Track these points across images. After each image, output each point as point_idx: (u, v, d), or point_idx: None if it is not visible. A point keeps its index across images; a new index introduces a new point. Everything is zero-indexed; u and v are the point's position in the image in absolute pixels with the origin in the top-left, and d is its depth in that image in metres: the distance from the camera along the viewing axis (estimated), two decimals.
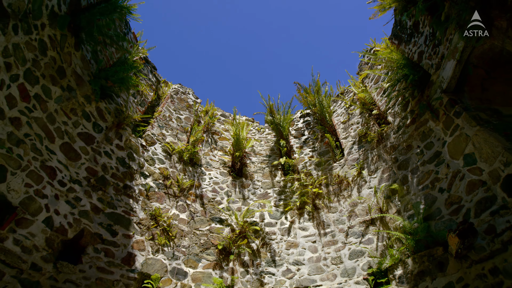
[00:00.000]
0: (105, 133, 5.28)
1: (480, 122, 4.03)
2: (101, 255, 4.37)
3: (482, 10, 3.59)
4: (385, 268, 4.56)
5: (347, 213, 5.56)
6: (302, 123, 8.03)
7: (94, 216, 4.56)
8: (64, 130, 4.52)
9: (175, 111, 7.32)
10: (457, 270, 3.76)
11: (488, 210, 3.69)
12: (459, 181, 4.18)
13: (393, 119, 5.74)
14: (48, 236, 3.90)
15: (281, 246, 5.56)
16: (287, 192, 6.45)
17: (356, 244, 5.09)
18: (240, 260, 5.35)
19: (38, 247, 3.75)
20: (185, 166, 6.42)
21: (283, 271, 5.21)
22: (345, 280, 4.77)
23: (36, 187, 3.91)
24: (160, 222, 5.24)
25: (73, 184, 4.45)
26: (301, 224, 5.80)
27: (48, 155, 4.17)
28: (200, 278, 4.97)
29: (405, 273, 4.29)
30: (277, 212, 6.13)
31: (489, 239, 3.57)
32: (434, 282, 3.94)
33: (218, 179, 6.62)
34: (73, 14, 4.55)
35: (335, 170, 6.33)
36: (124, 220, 4.91)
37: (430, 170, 4.66)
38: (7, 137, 3.61)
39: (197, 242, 5.43)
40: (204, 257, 5.28)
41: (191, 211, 5.81)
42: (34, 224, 3.77)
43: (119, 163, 5.33)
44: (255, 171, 7.02)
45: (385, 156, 5.58)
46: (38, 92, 4.09)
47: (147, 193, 5.48)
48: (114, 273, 4.33)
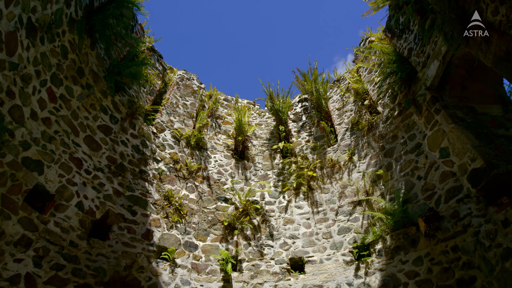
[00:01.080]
0: (120, 124, 5.77)
1: (456, 120, 4.50)
2: (124, 232, 5.04)
3: (461, 22, 3.93)
4: (367, 243, 5.25)
5: (337, 194, 6.19)
6: (300, 107, 8.46)
7: (116, 199, 5.18)
8: (86, 124, 5.01)
9: (181, 97, 7.74)
10: (426, 247, 4.43)
11: (455, 198, 4.28)
12: (434, 171, 4.73)
13: (382, 109, 6.19)
14: (81, 217, 4.53)
15: (279, 222, 6.25)
16: (285, 173, 7.06)
17: (344, 221, 5.76)
18: (243, 235, 6.06)
19: (74, 227, 4.40)
20: (192, 150, 6.97)
21: (280, 244, 5.93)
22: (333, 252, 5.50)
23: (67, 176, 4.49)
24: (173, 202, 5.88)
25: (97, 172, 5.03)
26: (297, 203, 6.46)
27: (74, 148, 4.70)
28: (209, 250, 5.70)
29: (384, 247, 4.98)
30: (275, 192, 6.77)
31: (453, 222, 4.19)
32: (407, 255, 4.63)
33: (223, 161, 7.20)
34: (87, 16, 4.86)
35: (328, 155, 6.88)
36: (142, 201, 5.54)
37: (411, 159, 5.20)
38: (41, 136, 4.12)
39: (205, 219, 6.12)
40: (212, 232, 5.98)
41: (199, 192, 6.44)
42: (69, 209, 4.39)
43: (134, 151, 5.87)
44: (256, 154, 7.58)
45: (374, 144, 6.10)
46: (63, 93, 4.54)
47: (160, 176, 6.08)
48: (136, 247, 5.03)
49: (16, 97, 3.65)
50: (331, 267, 5.32)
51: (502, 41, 3.36)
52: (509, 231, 3.48)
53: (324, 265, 5.40)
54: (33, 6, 3.58)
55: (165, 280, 4.94)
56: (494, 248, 3.63)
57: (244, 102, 9.16)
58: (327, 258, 5.46)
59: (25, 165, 3.83)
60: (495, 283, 3.57)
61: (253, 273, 5.47)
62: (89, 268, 4.36)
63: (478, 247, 3.84)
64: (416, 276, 4.40)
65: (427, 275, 4.30)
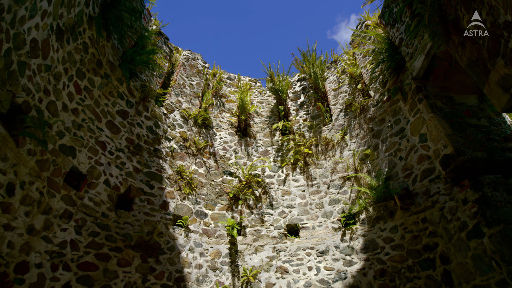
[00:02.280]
0: (135, 108, 6.29)
1: (435, 110, 5.02)
2: (145, 203, 5.79)
3: (443, 24, 4.31)
4: (353, 213, 6.02)
5: (330, 169, 6.87)
6: (299, 86, 8.87)
7: (136, 175, 5.86)
8: (106, 111, 5.54)
9: (188, 78, 8.14)
10: (401, 218, 5.18)
11: (428, 178, 4.94)
12: (413, 153, 5.35)
13: (374, 93, 6.65)
14: (108, 193, 5.24)
15: (278, 193, 7.00)
16: (284, 150, 7.69)
17: (335, 194, 6.49)
18: (247, 204, 6.83)
19: (103, 201, 5.12)
20: (199, 128, 7.54)
21: (279, 212, 6.73)
22: (324, 220, 6.29)
23: (95, 158, 5.12)
24: (184, 176, 6.57)
25: (118, 152, 5.65)
26: (294, 177, 7.17)
27: (99, 133, 5.28)
28: (217, 217, 6.50)
29: (367, 217, 5.75)
30: (275, 166, 7.45)
31: (424, 198, 4.90)
32: (385, 224, 5.40)
33: (227, 138, 7.80)
34: (102, 11, 5.19)
35: (323, 133, 7.46)
36: (157, 176, 6.23)
37: (395, 141, 5.79)
38: (72, 124, 4.69)
39: (213, 190, 6.86)
40: (219, 202, 6.75)
41: (207, 166, 7.12)
42: (98, 186, 5.08)
43: (148, 131, 6.45)
44: (258, 131, 8.16)
45: (364, 125, 6.65)
46: (86, 84, 5.02)
47: (172, 153, 6.71)
48: (155, 216, 5.81)
49: (51, 94, 4.17)
50: (321, 233, 6.14)
51: (474, 48, 3.80)
52: (467, 208, 4.18)
53: (316, 231, 6.22)
54: (60, 13, 3.96)
55: (181, 243, 5.78)
56: (454, 221, 4.36)
57: (246, 79, 9.54)
58: (318, 225, 6.27)
59: (62, 151, 4.45)
60: (452, 249, 4.34)
61: (255, 237, 6.31)
62: (119, 234, 5.15)
63: (442, 220, 4.57)
64: (392, 242, 5.20)
65: (400, 241, 5.09)
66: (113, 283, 4.81)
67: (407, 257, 4.93)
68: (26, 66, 3.54)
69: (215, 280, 5.64)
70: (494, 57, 3.40)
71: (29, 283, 3.89)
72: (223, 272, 5.78)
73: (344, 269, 5.54)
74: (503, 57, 3.23)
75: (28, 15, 3.24)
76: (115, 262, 4.95)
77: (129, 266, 5.08)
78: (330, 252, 5.84)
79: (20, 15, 3.11)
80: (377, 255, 5.29)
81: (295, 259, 5.96)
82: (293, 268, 5.86)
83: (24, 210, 3.77)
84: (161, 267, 5.37)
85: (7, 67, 3.19)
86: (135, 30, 6.13)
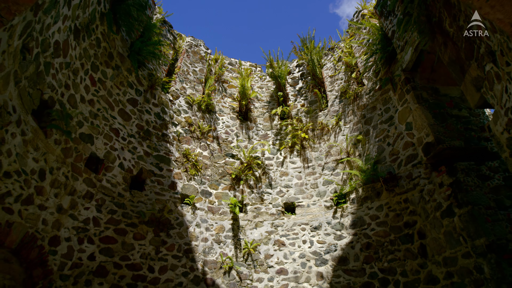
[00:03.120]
0: (144, 95, 6.66)
1: (420, 101, 5.41)
2: (155, 184, 6.31)
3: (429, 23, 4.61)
4: (345, 193, 6.55)
5: (325, 153, 7.34)
6: (297, 72, 9.15)
7: (146, 158, 6.34)
8: (118, 100, 5.93)
9: (191, 64, 8.42)
10: (386, 198, 5.71)
11: (411, 163, 5.42)
12: (400, 140, 5.79)
13: (367, 82, 6.99)
14: (123, 175, 5.74)
15: (276, 174, 7.52)
16: (282, 134, 8.12)
17: (328, 175, 7.01)
18: (247, 184, 7.37)
19: (119, 182, 5.63)
20: (203, 113, 7.94)
21: (277, 192, 7.27)
22: (318, 199, 6.85)
23: (110, 144, 5.57)
24: (190, 159, 7.06)
25: (130, 138, 6.09)
26: (291, 159, 7.65)
27: (112, 120, 5.70)
28: (220, 196, 7.05)
29: (356, 197, 6.29)
30: (274, 149, 7.92)
31: (407, 181, 5.40)
32: (372, 203, 5.94)
33: (229, 123, 8.21)
34: (112, 6, 5.44)
35: (319, 118, 7.86)
36: (166, 159, 6.71)
37: (385, 128, 6.21)
38: (89, 114, 5.10)
39: (216, 172, 7.37)
40: (222, 182, 7.27)
41: (210, 149, 7.59)
42: (114, 169, 5.57)
43: (156, 117, 6.85)
44: (258, 116, 8.55)
45: (357, 112, 7.04)
46: (100, 77, 5.38)
47: (178, 138, 7.16)
48: (165, 195, 6.34)
49: (70, 88, 4.55)
50: (315, 210, 6.72)
51: (454, 49, 4.13)
52: (442, 191, 4.68)
53: (310, 209, 6.79)
54: (77, 14, 4.26)
55: (188, 219, 6.36)
56: (431, 202, 4.88)
57: (247, 64, 9.79)
58: (313, 203, 6.83)
59: (82, 139, 4.89)
60: (428, 226, 4.89)
61: (255, 214, 6.89)
62: (133, 211, 5.71)
63: (421, 201, 5.09)
64: (377, 219, 5.77)
65: (384, 218, 5.65)
66: (130, 254, 5.42)
67: (390, 233, 5.50)
68: (50, 66, 3.91)
69: (219, 252, 6.26)
70: (469, 59, 3.75)
71: (61, 254, 4.48)
72: (226, 244, 6.40)
73: (335, 242, 6.15)
74: (476, 60, 3.59)
75: (52, 21, 3.57)
76: (131, 236, 5.54)
77: (143, 239, 5.67)
78: (322, 227, 6.43)
79: (46, 23, 3.44)
80: (364, 230, 5.88)
81: (291, 233, 6.57)
82: (289, 241, 6.48)
83: (53, 192, 4.27)
84: (171, 240, 5.97)
85: (37, 69, 3.57)
86: (141, 21, 6.37)
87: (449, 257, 4.48)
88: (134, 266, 5.38)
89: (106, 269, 5.06)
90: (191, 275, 5.83)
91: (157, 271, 5.57)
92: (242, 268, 6.15)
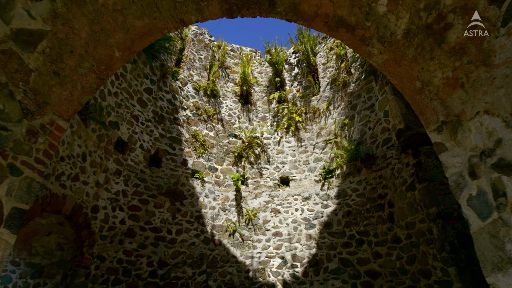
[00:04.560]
0: (157, 84, 7.39)
1: (396, 93, 6.18)
2: (170, 161, 7.23)
3: None
4: (331, 169, 7.50)
5: (316, 134, 8.20)
6: (294, 59, 9.75)
7: (161, 140, 7.21)
8: (136, 90, 6.69)
9: (197, 52, 9.03)
10: (365, 174, 6.66)
11: (386, 145, 6.30)
12: (379, 125, 6.63)
13: (354, 72, 7.68)
14: (143, 155, 6.65)
15: (273, 152, 8.43)
16: (279, 116, 8.93)
17: (318, 154, 7.92)
18: (248, 161, 8.30)
19: (141, 161, 6.54)
20: (208, 98, 8.69)
21: (274, 167, 8.22)
22: (309, 174, 7.81)
23: (132, 128, 6.42)
24: (198, 139, 7.93)
25: (147, 123, 6.92)
26: (287, 139, 8.53)
27: (132, 108, 6.50)
28: (225, 171, 8.01)
29: (341, 172, 7.24)
30: (271, 130, 8.77)
31: (382, 160, 6.31)
32: (353, 178, 6.90)
33: (232, 106, 8.99)
34: None
35: (312, 102, 8.63)
36: (178, 140, 7.59)
37: (367, 114, 7.03)
38: (115, 104, 5.90)
39: (221, 150, 8.27)
40: (227, 159, 8.20)
41: (216, 130, 8.44)
42: (136, 150, 6.46)
43: (168, 103, 7.64)
44: (257, 100, 9.30)
45: (345, 98, 7.81)
46: (121, 71, 6.11)
47: (187, 120, 7.98)
48: (178, 171, 7.29)
49: None
50: (306, 183, 7.71)
51: None
52: (408, 170, 5.61)
53: (302, 182, 7.78)
54: None
55: (198, 191, 7.36)
56: (399, 178, 5.83)
57: (247, 50, 10.36)
58: (304, 178, 7.81)
59: (110, 126, 5.74)
60: (396, 197, 5.88)
61: (255, 186, 7.89)
62: (153, 185, 6.68)
63: (392, 177, 6.04)
64: (357, 191, 6.75)
65: (363, 191, 6.64)
66: (152, 219, 6.46)
67: (366, 202, 6.52)
68: None
69: (225, 218, 7.33)
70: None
71: (100, 219, 5.49)
72: (231, 212, 7.46)
73: (322, 210, 7.20)
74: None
75: None
76: (152, 205, 6.55)
77: (162, 207, 6.70)
78: (312, 198, 7.45)
79: None
80: (346, 200, 6.89)
81: (285, 203, 7.61)
82: (283, 209, 7.53)
83: (92, 171, 5.19)
84: (185, 208, 7.00)
85: None
86: None
87: (410, 222, 5.50)
88: (156, 229, 6.45)
89: (134, 231, 6.12)
90: (202, 236, 6.92)
91: (174, 233, 6.65)
92: (244, 231, 7.25)
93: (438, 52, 1.85)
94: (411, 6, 1.92)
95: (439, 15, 1.78)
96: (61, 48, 2.35)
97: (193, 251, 6.67)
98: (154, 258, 6.26)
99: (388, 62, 2.27)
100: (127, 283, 5.80)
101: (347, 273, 6.28)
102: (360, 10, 2.19)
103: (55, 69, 2.36)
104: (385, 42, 2.17)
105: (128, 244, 5.99)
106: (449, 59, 1.80)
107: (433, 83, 1.95)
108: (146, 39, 2.87)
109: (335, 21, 2.39)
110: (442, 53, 1.82)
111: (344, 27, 2.40)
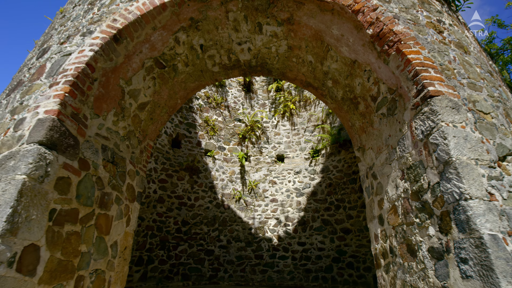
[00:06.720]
0: None
1: None
2: (187, 143, 8.67)
3: None
4: (318, 149, 8.97)
5: (307, 119, 9.56)
6: None
7: (180, 125, 8.59)
8: None
9: None
10: (344, 154, 8.14)
11: None
12: None
13: None
14: (167, 139, 8.06)
15: (271, 134, 9.84)
16: (277, 103, 10.22)
17: (308, 136, 9.34)
18: (250, 141, 9.74)
19: (166, 144, 7.97)
20: (217, 88, 9.92)
21: (271, 147, 9.68)
22: (300, 153, 9.29)
23: None
24: (209, 124, 9.31)
25: None
26: (282, 123, 9.90)
27: None
28: (232, 150, 9.48)
29: (326, 152, 8.72)
30: (270, 115, 10.10)
31: None
32: (335, 157, 8.40)
33: (236, 94, 10.24)
34: None
35: (304, 92, 9.89)
36: (193, 125, 8.97)
37: None
38: None
39: (228, 132, 9.68)
40: (232, 140, 9.64)
41: (223, 116, 9.79)
42: (162, 135, 7.86)
43: None
44: (258, 88, 10.52)
45: None
46: None
47: (200, 108, 9.30)
48: (194, 150, 8.76)
49: None
50: (298, 161, 9.22)
51: None
52: None
53: (294, 159, 9.29)
54: None
55: (211, 166, 8.88)
56: None
57: None
58: (296, 156, 9.30)
59: None
60: None
61: (256, 162, 9.41)
62: (176, 162, 8.18)
63: None
64: (337, 168, 8.28)
65: (341, 168, 8.17)
66: (176, 189, 8.04)
67: (343, 177, 8.07)
68: None
69: (232, 187, 8.92)
70: None
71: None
72: (237, 183, 9.04)
73: (309, 182, 8.78)
74: None
75: None
76: (175, 178, 8.10)
77: (183, 180, 8.25)
78: (302, 172, 9.00)
79: None
80: (328, 175, 8.45)
81: (280, 176, 9.17)
82: (279, 181, 9.12)
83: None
84: (200, 180, 8.57)
85: None
86: None
87: None
88: (179, 196, 8.05)
89: (163, 198, 7.72)
90: (214, 202, 8.56)
91: (193, 200, 8.27)
92: (247, 198, 8.88)
93: (356, 112, 3.23)
94: (343, 87, 3.28)
95: (354, 96, 3.14)
96: (155, 106, 3.73)
97: (207, 213, 8.34)
98: (179, 218, 7.92)
99: (335, 108, 3.69)
100: (160, 236, 7.50)
101: (327, 230, 8.00)
102: (319, 81, 3.55)
103: (151, 117, 3.75)
104: (333, 98, 3.54)
105: (159, 208, 7.61)
106: (359, 117, 3.19)
107: (355, 126, 3.35)
108: (195, 91, 4.25)
109: (306, 83, 3.76)
110: (357, 113, 3.22)
111: (311, 87, 3.77)
